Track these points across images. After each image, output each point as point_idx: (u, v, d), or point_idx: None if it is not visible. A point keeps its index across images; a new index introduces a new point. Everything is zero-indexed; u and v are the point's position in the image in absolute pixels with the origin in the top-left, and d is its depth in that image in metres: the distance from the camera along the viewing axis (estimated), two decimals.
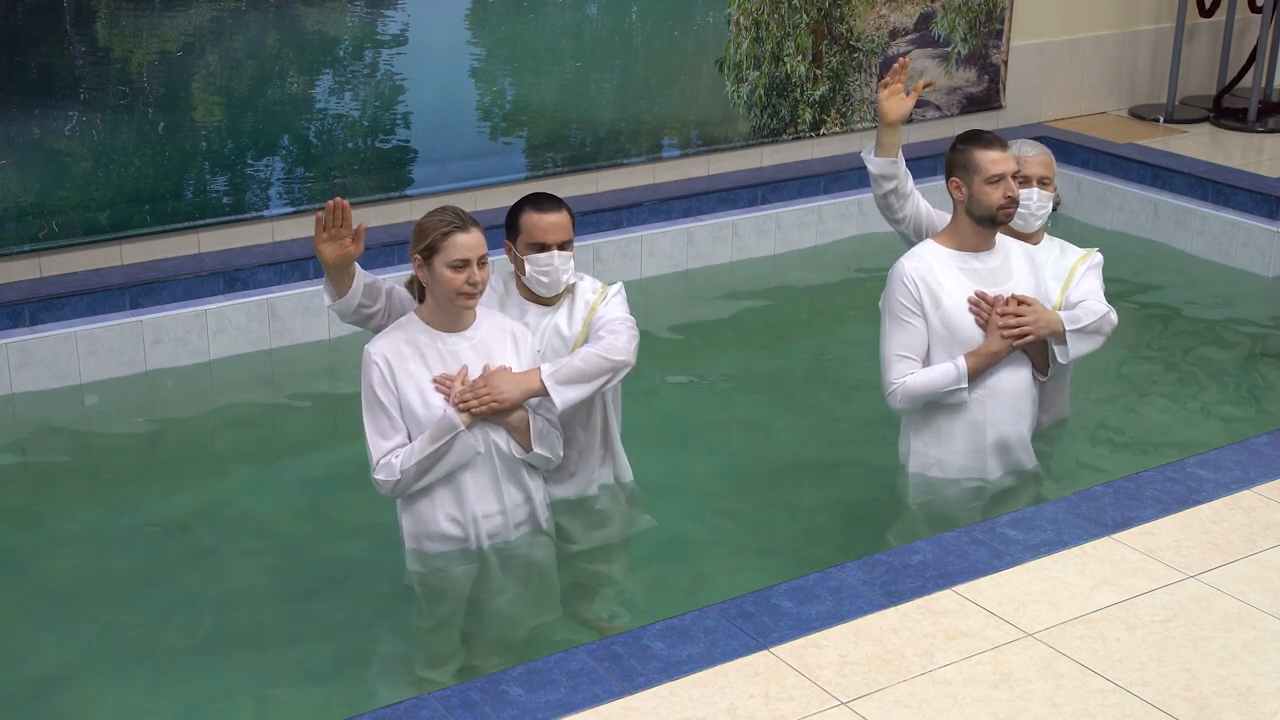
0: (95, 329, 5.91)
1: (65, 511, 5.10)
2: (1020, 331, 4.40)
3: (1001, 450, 4.56)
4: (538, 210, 4.22)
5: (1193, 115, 8.72)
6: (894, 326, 4.46)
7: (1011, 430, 4.54)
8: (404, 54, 6.60)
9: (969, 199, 4.41)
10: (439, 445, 3.92)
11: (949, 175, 4.47)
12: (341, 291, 4.15)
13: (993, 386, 4.48)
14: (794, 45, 7.59)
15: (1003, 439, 4.54)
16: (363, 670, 4.16)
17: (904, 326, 4.44)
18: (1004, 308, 4.40)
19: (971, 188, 4.40)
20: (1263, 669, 3.47)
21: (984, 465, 4.56)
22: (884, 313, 4.51)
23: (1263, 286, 7.06)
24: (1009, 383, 4.50)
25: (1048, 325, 4.44)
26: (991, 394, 4.48)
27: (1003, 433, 4.53)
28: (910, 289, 4.43)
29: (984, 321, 4.42)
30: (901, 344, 4.44)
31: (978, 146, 4.41)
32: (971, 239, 4.48)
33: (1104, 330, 4.56)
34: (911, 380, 4.43)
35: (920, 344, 4.45)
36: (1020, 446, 4.59)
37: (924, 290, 4.43)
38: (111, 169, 6.10)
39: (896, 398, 4.46)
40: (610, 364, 4.15)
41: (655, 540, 4.65)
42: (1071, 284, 4.66)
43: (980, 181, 4.37)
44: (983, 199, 4.39)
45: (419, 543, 4.13)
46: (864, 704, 3.33)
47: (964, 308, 4.43)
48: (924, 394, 4.43)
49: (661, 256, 7.12)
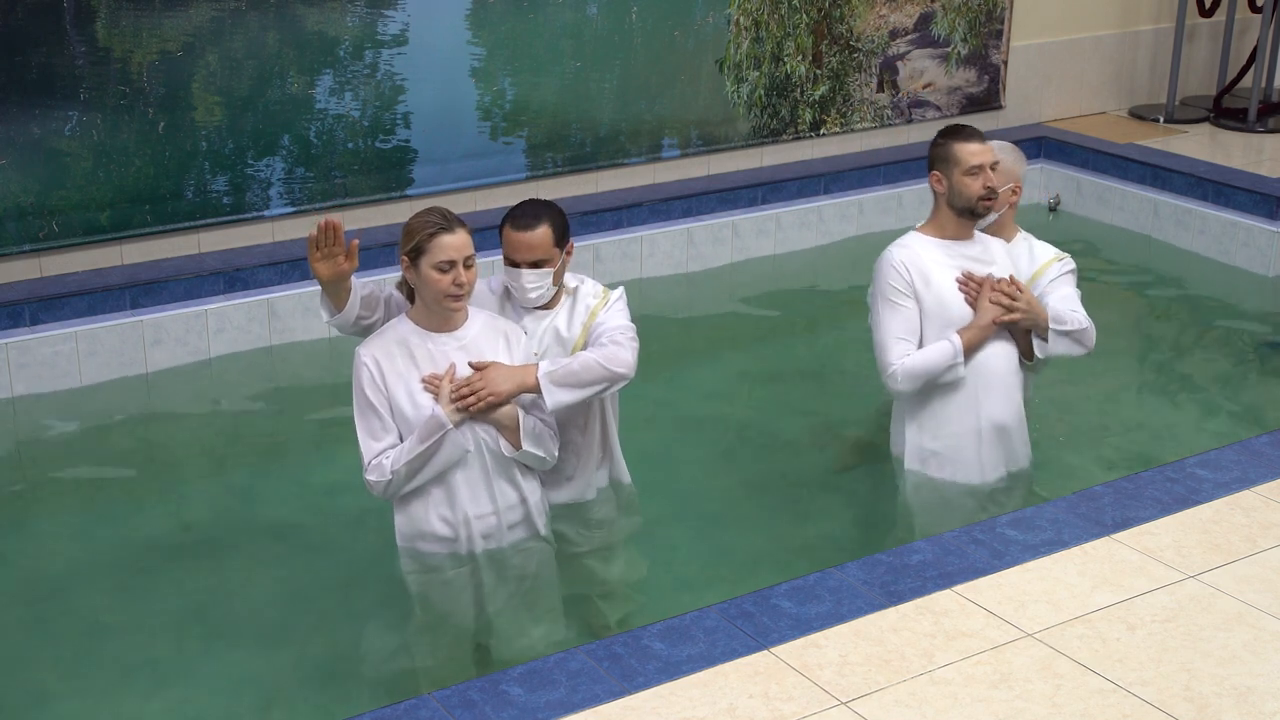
0: (95, 329, 5.91)
1: (65, 511, 5.10)
2: (1011, 306, 4.51)
3: (997, 434, 4.61)
4: (514, 227, 4.17)
5: (1193, 115, 8.73)
6: (888, 311, 4.57)
7: (1003, 412, 4.61)
8: (404, 54, 6.60)
9: (950, 190, 4.58)
10: (428, 445, 3.92)
11: (931, 169, 4.64)
12: (339, 306, 4.15)
13: (984, 367, 4.57)
14: (794, 45, 7.60)
15: (996, 421, 4.60)
16: (362, 670, 4.16)
17: (898, 309, 4.55)
18: (997, 285, 4.53)
19: (951, 180, 4.57)
20: (1263, 669, 3.47)
21: (979, 453, 4.61)
22: (875, 300, 4.62)
23: (1263, 286, 7.06)
24: (999, 363, 4.59)
25: (1036, 313, 4.56)
26: (982, 375, 4.57)
27: (995, 415, 4.60)
28: (901, 273, 4.56)
29: (973, 299, 4.55)
30: (897, 327, 4.55)
31: (957, 140, 4.58)
32: (953, 229, 4.64)
33: (1085, 343, 4.65)
34: (910, 360, 4.52)
35: (915, 326, 4.56)
36: (1015, 431, 4.65)
37: (914, 272, 4.56)
38: (112, 169, 6.10)
39: (897, 379, 4.54)
40: (609, 374, 4.12)
41: (655, 541, 4.65)
42: (1041, 280, 4.74)
43: (960, 174, 4.55)
44: (962, 190, 4.55)
45: (412, 543, 4.13)
46: (864, 704, 3.33)
47: (954, 288, 4.56)
48: (923, 372, 4.52)
49: (661, 256, 7.12)
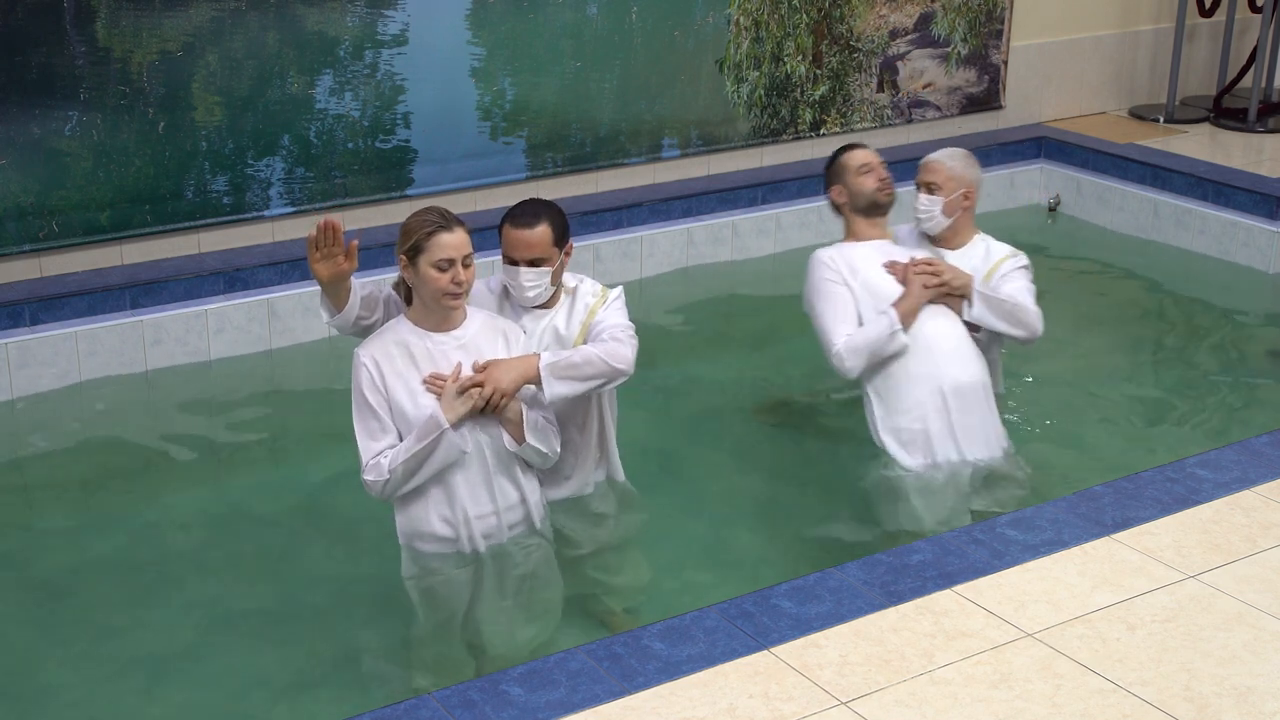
0: (95, 329, 5.91)
1: (64, 512, 5.09)
2: (935, 275, 4.76)
3: (960, 398, 4.71)
4: (513, 225, 4.21)
5: (1193, 115, 8.72)
6: (824, 302, 4.79)
7: (961, 373, 4.73)
8: (404, 54, 6.60)
9: (850, 195, 4.93)
10: (424, 444, 3.92)
11: (828, 188, 5.00)
12: (339, 307, 4.16)
13: (932, 335, 4.74)
14: (794, 45, 7.59)
15: (956, 383, 4.72)
16: (362, 670, 4.16)
17: (833, 298, 4.77)
18: (918, 261, 4.80)
19: (848, 184, 4.93)
20: (1263, 669, 3.47)
21: (948, 421, 4.70)
22: (811, 298, 4.84)
23: (1263, 287, 7.05)
24: (945, 329, 4.77)
25: (962, 278, 4.81)
26: (931, 341, 4.73)
27: (954, 376, 4.72)
28: (829, 265, 4.82)
29: (901, 279, 4.78)
30: (836, 313, 4.76)
31: (844, 153, 4.99)
32: (866, 230, 4.95)
33: (1019, 318, 4.80)
34: (851, 338, 4.71)
35: (852, 311, 4.77)
36: (980, 398, 4.76)
37: (842, 263, 4.83)
38: (112, 169, 6.10)
39: (843, 358, 4.71)
40: (610, 369, 4.13)
41: (654, 540, 4.65)
42: (995, 275, 4.93)
43: (852, 176, 4.91)
44: (858, 188, 4.91)
45: (412, 543, 4.13)
46: (864, 704, 3.33)
47: (881, 273, 4.81)
48: (865, 345, 4.70)
49: (661, 256, 7.12)
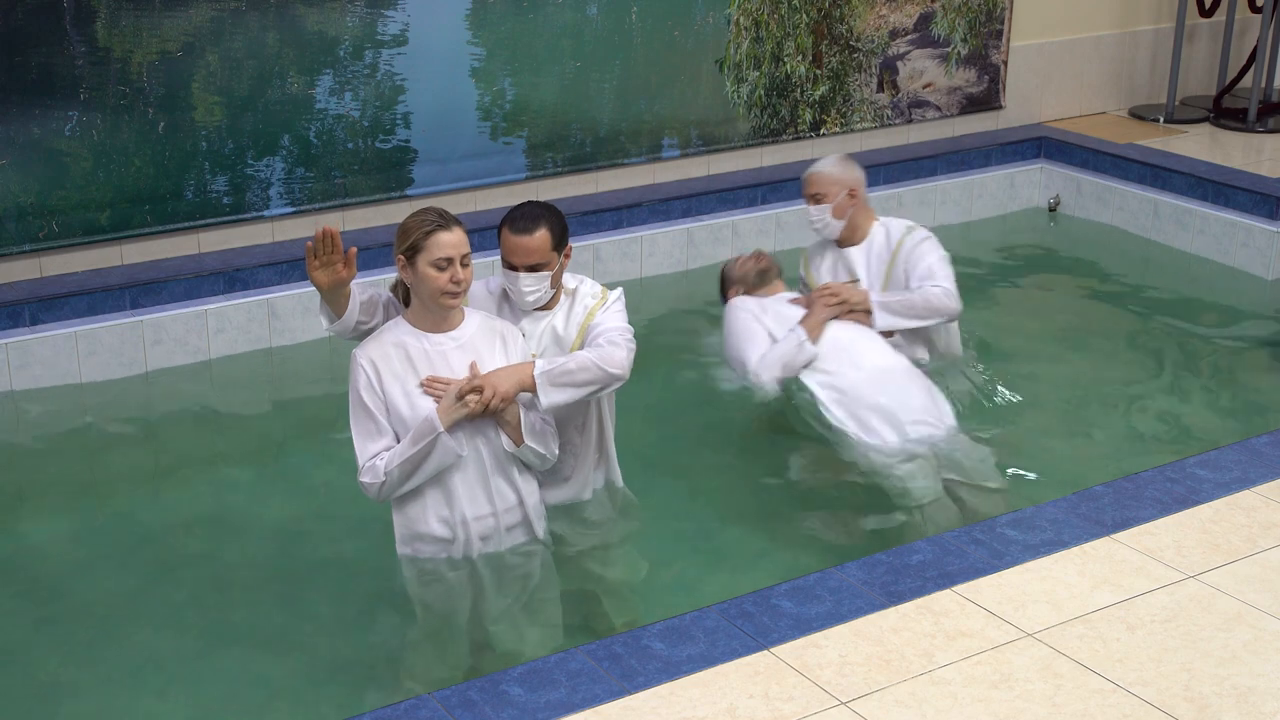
0: (95, 329, 5.91)
1: (64, 512, 5.09)
2: (835, 295, 5.03)
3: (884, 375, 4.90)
4: (512, 230, 4.19)
5: (1193, 115, 8.72)
6: (736, 336, 5.03)
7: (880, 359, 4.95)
8: (404, 54, 6.60)
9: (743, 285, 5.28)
10: (420, 447, 3.92)
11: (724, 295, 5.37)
12: (339, 313, 4.16)
13: (840, 337, 4.98)
14: (794, 45, 7.60)
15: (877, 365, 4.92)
16: (362, 670, 4.16)
17: (746, 330, 5.01)
18: (818, 290, 5.08)
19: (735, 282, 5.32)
20: (1263, 669, 3.47)
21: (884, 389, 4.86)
22: (725, 337, 5.07)
23: (1262, 286, 7.06)
24: (852, 333, 5.02)
25: (856, 294, 5.07)
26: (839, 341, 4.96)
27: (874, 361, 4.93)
28: (740, 308, 5.07)
29: (805, 305, 5.07)
30: (748, 340, 4.99)
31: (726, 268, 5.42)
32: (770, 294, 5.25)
33: (929, 307, 5.06)
34: (763, 356, 4.92)
35: (764, 337, 4.99)
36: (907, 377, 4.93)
37: (752, 304, 5.07)
38: (112, 169, 6.10)
39: (758, 373, 4.91)
40: (605, 374, 4.12)
41: (654, 541, 4.65)
42: (901, 257, 5.17)
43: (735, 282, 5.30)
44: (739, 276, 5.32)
45: (411, 544, 4.12)
46: (864, 704, 3.33)
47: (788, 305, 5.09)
48: (777, 359, 4.92)
49: (661, 256, 7.12)
